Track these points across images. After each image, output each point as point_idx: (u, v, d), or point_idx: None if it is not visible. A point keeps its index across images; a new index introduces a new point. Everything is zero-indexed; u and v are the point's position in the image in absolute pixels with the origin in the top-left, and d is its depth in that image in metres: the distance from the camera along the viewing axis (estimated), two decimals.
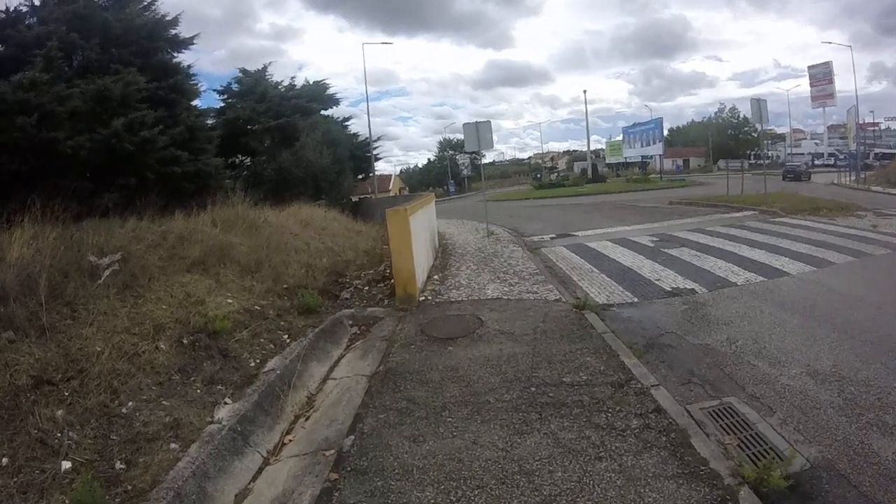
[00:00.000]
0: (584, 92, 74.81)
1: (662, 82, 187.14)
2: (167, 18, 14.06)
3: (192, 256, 7.10)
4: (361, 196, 33.88)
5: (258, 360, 5.38)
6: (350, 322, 7.19)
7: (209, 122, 23.60)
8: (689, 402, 4.42)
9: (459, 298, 7.87)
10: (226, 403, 4.47)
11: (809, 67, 60.09)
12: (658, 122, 51.70)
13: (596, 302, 7.48)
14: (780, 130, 78.23)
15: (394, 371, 5.24)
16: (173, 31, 14.84)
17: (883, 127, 69.61)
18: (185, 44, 16.20)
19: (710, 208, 18.72)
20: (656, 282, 8.49)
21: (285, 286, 7.73)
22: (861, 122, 70.46)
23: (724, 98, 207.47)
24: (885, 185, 24.40)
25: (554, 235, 14.45)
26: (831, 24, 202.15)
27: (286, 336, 6.19)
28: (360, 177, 32.19)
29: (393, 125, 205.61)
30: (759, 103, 18.54)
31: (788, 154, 66.30)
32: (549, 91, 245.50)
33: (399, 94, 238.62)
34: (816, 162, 52.20)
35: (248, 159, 25.39)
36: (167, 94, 12.74)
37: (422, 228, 9.59)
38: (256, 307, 6.66)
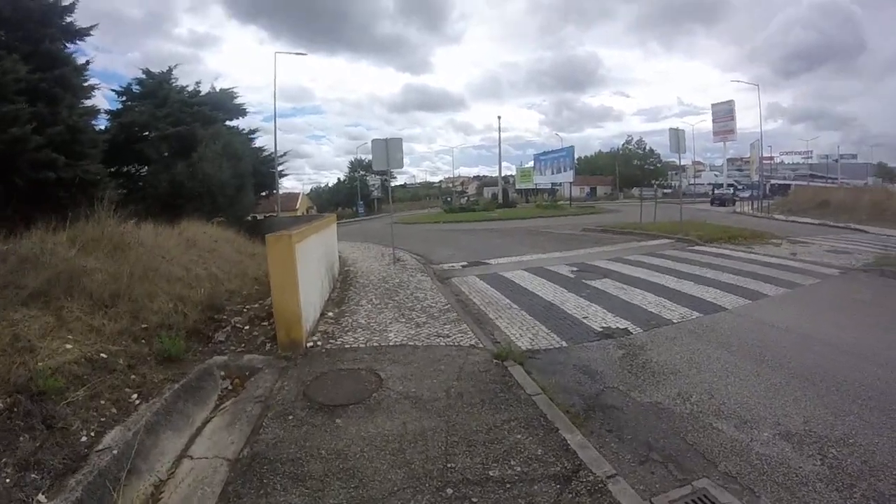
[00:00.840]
0: (499, 118, 76.44)
1: (572, 114, 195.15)
2: (63, 3, 12.67)
3: (31, 286, 5.57)
4: (267, 214, 31.85)
5: (93, 433, 3.88)
6: (222, 374, 5.73)
7: (102, 125, 21.45)
8: (654, 492, 3.38)
9: (356, 345, 6.49)
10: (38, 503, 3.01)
11: (713, 105, 62.96)
12: (570, 151, 52.28)
13: (519, 348, 6.38)
14: (680, 162, 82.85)
15: (262, 457, 3.82)
16: (69, 19, 13.57)
17: (777, 160, 75.19)
18: (80, 34, 14.57)
19: (626, 236, 18.45)
20: (584, 320, 7.55)
21: (145, 326, 6.17)
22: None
23: (629, 131, 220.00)
24: (787, 213, 25.53)
25: (466, 263, 13.38)
26: (734, 67, 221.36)
27: (136, 395, 4.67)
28: (263, 193, 30.10)
29: (306, 143, 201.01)
30: (677, 133, 18.60)
31: (690, 185, 70.19)
32: (463, 117, 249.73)
33: (314, 113, 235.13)
34: (716, 192, 54.98)
35: (145, 169, 23.06)
36: (50, 87, 11.30)
37: (315, 257, 8.18)
38: (103, 354, 5.12)
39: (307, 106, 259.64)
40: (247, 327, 7.15)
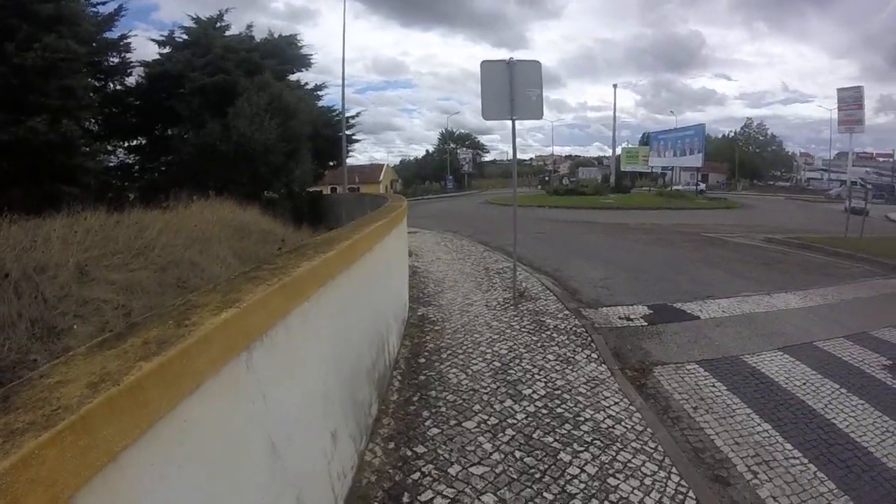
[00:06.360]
0: (615, 86, 69.50)
1: (672, 96, 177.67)
2: None
3: None
4: (351, 186, 26.77)
5: None
6: None
7: (134, 79, 17.25)
8: None
9: None
10: None
11: (839, 90, 51.26)
12: (699, 130, 42.20)
13: None
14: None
15: None
16: None
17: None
18: None
19: (850, 261, 11.07)
20: None
21: None
22: (871, 151, 64.12)
23: (730, 116, 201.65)
24: None
25: (648, 311, 7.11)
26: (845, 53, 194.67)
27: None
28: (331, 164, 24.42)
29: (397, 116, 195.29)
30: None
31: (806, 179, 61.32)
32: (556, 94, 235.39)
33: (406, 87, 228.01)
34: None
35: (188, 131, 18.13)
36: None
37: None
38: None
39: (399, 79, 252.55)
40: None
